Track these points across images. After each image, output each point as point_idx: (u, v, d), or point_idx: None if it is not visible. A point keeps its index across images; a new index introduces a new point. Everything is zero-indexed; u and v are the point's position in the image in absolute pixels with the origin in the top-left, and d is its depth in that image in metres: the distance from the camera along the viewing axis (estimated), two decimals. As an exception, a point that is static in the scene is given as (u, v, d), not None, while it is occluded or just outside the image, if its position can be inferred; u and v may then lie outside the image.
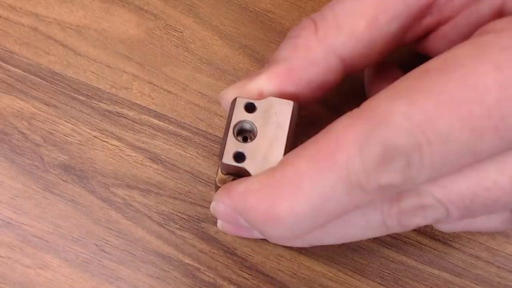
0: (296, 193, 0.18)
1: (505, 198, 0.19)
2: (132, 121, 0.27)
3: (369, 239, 0.26)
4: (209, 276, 0.25)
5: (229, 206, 0.20)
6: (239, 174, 0.21)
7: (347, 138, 0.17)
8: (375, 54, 0.21)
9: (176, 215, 0.26)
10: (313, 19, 0.22)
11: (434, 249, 0.26)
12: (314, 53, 0.21)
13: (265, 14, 0.29)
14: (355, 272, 0.26)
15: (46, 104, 0.27)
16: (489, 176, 0.19)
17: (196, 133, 0.27)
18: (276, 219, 0.19)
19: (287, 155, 0.20)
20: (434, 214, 0.20)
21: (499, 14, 0.20)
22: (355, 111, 0.18)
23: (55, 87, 0.27)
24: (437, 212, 0.20)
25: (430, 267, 0.26)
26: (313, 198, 0.18)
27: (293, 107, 0.21)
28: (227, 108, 0.22)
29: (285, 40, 0.22)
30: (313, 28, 0.21)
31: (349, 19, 0.21)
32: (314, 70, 0.21)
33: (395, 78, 0.19)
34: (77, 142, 0.27)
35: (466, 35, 0.20)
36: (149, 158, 0.27)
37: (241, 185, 0.20)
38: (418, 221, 0.20)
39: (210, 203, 0.23)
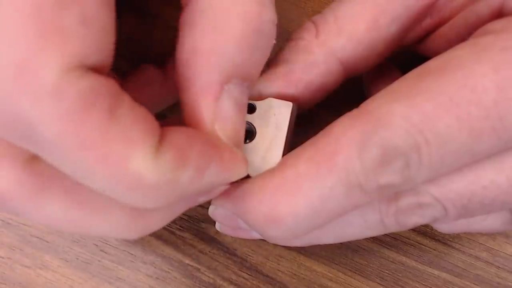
0: (296, 195, 0.18)
1: (502, 197, 0.19)
2: (132, 121, 0.27)
3: (369, 239, 0.26)
4: (208, 277, 0.25)
5: (228, 210, 0.20)
6: (238, 174, 0.21)
7: (346, 140, 0.18)
8: (375, 56, 0.21)
9: (176, 215, 0.26)
10: (314, 22, 0.22)
11: (434, 250, 0.26)
12: (314, 56, 0.21)
13: (265, 14, 0.29)
14: (355, 273, 0.26)
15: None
16: (487, 175, 0.19)
17: (196, 133, 0.27)
18: (276, 221, 0.19)
19: (286, 156, 0.20)
20: (432, 212, 0.20)
21: (499, 14, 0.20)
22: (354, 112, 0.18)
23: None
24: (435, 211, 0.20)
25: (430, 267, 0.26)
26: (313, 199, 0.18)
27: (292, 109, 0.21)
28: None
29: (287, 42, 0.22)
30: (314, 31, 0.21)
31: (349, 22, 0.21)
32: (314, 73, 0.21)
33: (394, 78, 0.19)
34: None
35: (465, 36, 0.20)
36: (149, 158, 0.27)
37: (240, 188, 0.20)
38: (416, 219, 0.20)
39: (210, 204, 0.23)
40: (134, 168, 0.15)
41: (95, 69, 0.15)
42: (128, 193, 0.16)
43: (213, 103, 0.18)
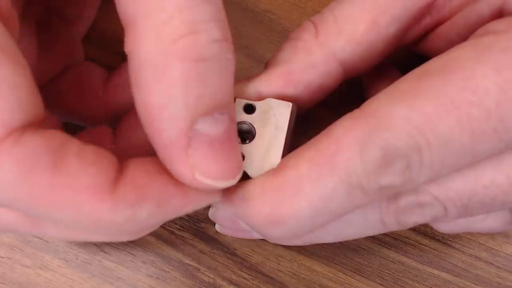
0: (297, 196, 0.18)
1: (502, 196, 0.19)
2: (132, 121, 0.27)
3: (369, 239, 0.26)
4: (208, 276, 0.25)
5: (229, 212, 0.20)
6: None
7: (347, 141, 0.18)
8: (375, 56, 0.21)
9: (176, 215, 0.26)
10: (313, 22, 0.22)
11: (434, 250, 0.26)
12: (314, 57, 0.21)
13: (265, 15, 0.29)
14: (355, 273, 0.26)
15: (46, 105, 0.27)
16: (487, 175, 0.19)
17: (196, 133, 0.27)
18: (278, 221, 0.19)
19: (286, 157, 0.20)
20: (432, 212, 0.20)
21: (499, 14, 0.20)
22: (355, 112, 0.18)
23: (55, 87, 0.27)
24: (435, 210, 0.20)
25: (430, 267, 0.26)
26: (315, 200, 0.18)
27: (292, 109, 0.21)
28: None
29: (285, 42, 0.22)
30: (314, 31, 0.21)
31: (349, 22, 0.21)
32: (313, 74, 0.21)
33: (393, 79, 0.19)
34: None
35: (465, 35, 0.20)
36: (149, 158, 0.27)
37: (241, 190, 0.20)
38: (416, 219, 0.20)
39: (210, 205, 0.23)
40: (89, 211, 0.16)
41: (32, 124, 0.16)
42: (95, 229, 0.17)
43: (183, 156, 0.17)
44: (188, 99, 0.16)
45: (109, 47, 0.28)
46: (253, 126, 0.21)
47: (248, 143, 0.21)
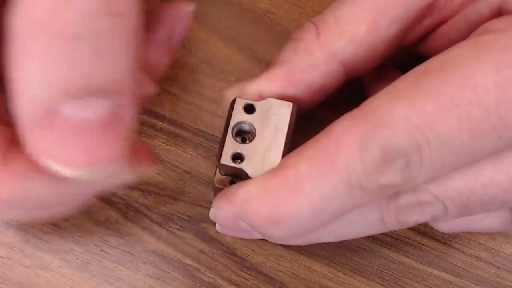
0: (298, 195, 0.18)
1: (501, 195, 0.19)
2: (132, 121, 0.27)
3: (368, 239, 0.26)
4: (208, 276, 0.25)
5: (230, 212, 0.20)
6: (237, 175, 0.21)
7: (347, 140, 0.18)
8: (376, 57, 0.22)
9: (176, 215, 0.26)
10: (315, 23, 0.22)
11: (434, 250, 0.26)
12: (315, 57, 0.21)
13: (265, 15, 0.29)
14: (355, 273, 0.26)
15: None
16: (486, 173, 0.19)
17: (196, 133, 0.27)
18: (279, 221, 0.19)
19: (286, 157, 0.20)
20: (432, 210, 0.20)
21: (498, 13, 0.20)
22: (355, 112, 0.18)
23: (55, 87, 0.27)
24: (435, 209, 0.20)
25: (430, 267, 0.26)
26: (315, 200, 0.18)
27: (292, 109, 0.21)
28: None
29: (287, 42, 0.22)
30: (315, 32, 0.21)
31: (350, 23, 0.21)
32: (315, 74, 0.21)
33: (394, 78, 0.19)
34: (77, 142, 0.27)
35: (466, 35, 0.20)
36: (149, 158, 0.27)
37: (241, 190, 0.20)
38: (416, 217, 0.20)
39: (211, 203, 0.23)
40: None
41: None
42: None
43: (33, 137, 0.15)
44: (48, 79, 0.14)
45: (109, 47, 0.28)
46: (253, 126, 0.21)
47: (248, 143, 0.21)
